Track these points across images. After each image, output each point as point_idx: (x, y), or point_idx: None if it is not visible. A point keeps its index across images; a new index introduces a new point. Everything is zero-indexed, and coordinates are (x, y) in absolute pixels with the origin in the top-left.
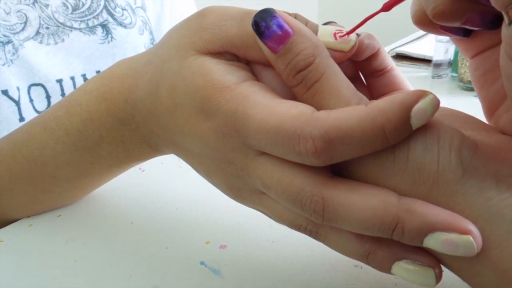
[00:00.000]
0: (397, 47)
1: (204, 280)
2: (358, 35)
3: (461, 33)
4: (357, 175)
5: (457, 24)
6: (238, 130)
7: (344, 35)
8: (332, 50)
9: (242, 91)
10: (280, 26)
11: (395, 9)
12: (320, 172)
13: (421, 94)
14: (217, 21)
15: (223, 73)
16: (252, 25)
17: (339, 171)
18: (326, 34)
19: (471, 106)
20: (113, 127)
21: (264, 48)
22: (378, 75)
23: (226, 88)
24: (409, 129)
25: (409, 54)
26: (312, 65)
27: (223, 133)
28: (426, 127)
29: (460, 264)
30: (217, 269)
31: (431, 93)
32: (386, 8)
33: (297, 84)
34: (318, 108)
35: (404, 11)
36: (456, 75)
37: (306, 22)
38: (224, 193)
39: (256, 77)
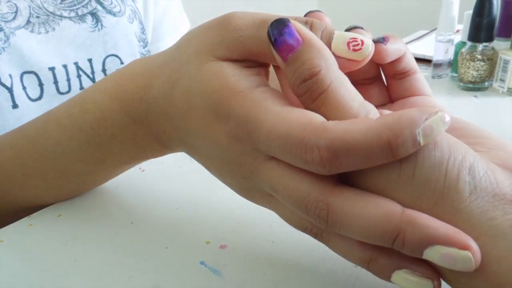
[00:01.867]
0: None
1: (204, 280)
2: (385, 39)
3: None
4: (362, 184)
5: None
6: (249, 134)
7: (358, 45)
8: (345, 59)
9: (255, 97)
10: (291, 35)
11: (395, 9)
12: (326, 179)
13: (431, 111)
14: (235, 32)
15: (239, 78)
16: (267, 34)
17: (345, 179)
18: (340, 42)
19: (471, 106)
20: (126, 125)
21: (277, 56)
22: (400, 77)
23: (240, 92)
24: (416, 146)
25: None
26: (317, 76)
27: (234, 137)
28: (437, 144)
29: (458, 277)
30: (217, 269)
31: (441, 110)
32: None
33: (302, 94)
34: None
35: (404, 11)
36: (456, 75)
37: (323, 30)
38: (236, 192)
39: (279, 80)
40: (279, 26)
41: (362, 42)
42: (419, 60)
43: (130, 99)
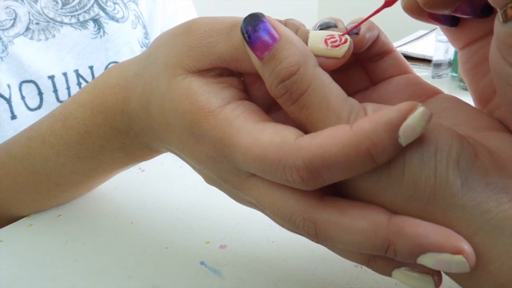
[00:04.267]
0: (397, 47)
1: (204, 280)
2: (357, 31)
3: (448, 23)
4: (352, 189)
5: (447, 12)
6: (226, 156)
7: (337, 41)
8: (324, 57)
9: (225, 116)
10: (267, 31)
11: (395, 8)
12: (310, 194)
13: (410, 109)
14: (203, 38)
15: (208, 96)
16: (241, 30)
17: (334, 185)
18: (317, 41)
19: None
20: (113, 137)
21: (251, 55)
22: (377, 59)
23: (211, 113)
24: (398, 148)
25: (409, 54)
26: (296, 75)
27: (213, 158)
28: (423, 138)
29: (460, 275)
30: (217, 269)
31: (421, 105)
32: (389, 3)
33: (281, 95)
34: (307, 122)
35: (404, 11)
36: (456, 75)
37: (297, 29)
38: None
39: (248, 89)
40: (254, 21)
41: (340, 38)
42: (419, 60)
43: (112, 112)
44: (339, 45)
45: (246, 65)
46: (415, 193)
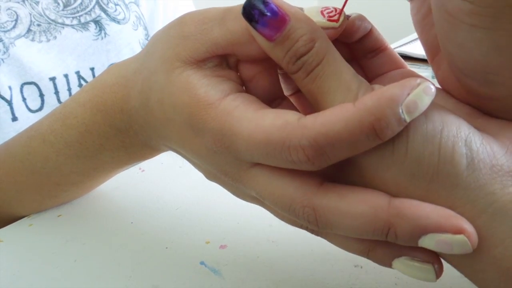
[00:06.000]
0: (397, 47)
1: (204, 280)
2: (348, 16)
3: None
4: (355, 166)
5: None
6: (227, 147)
7: (332, 12)
8: (323, 28)
9: (225, 107)
10: (275, 13)
11: (395, 9)
12: (310, 181)
13: (412, 85)
14: (197, 27)
15: (207, 89)
16: (243, 14)
17: (337, 164)
18: (313, 15)
19: None
20: (113, 135)
21: (259, 37)
22: (372, 55)
23: (210, 105)
24: (402, 124)
25: (409, 54)
26: (313, 49)
27: (213, 150)
28: (427, 116)
29: (462, 260)
30: (217, 269)
31: (423, 80)
32: None
33: (297, 70)
34: (318, 92)
35: (404, 11)
36: None
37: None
38: (229, 192)
39: (245, 85)
40: (258, 4)
41: (335, 9)
42: (419, 60)
43: (111, 111)
44: (335, 15)
45: (244, 49)
46: (418, 170)
